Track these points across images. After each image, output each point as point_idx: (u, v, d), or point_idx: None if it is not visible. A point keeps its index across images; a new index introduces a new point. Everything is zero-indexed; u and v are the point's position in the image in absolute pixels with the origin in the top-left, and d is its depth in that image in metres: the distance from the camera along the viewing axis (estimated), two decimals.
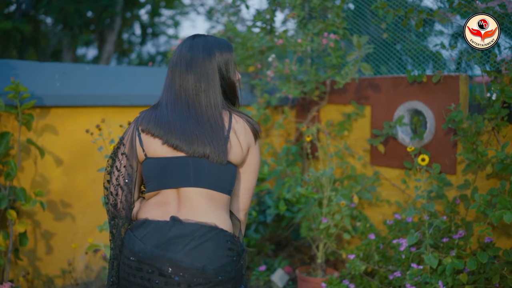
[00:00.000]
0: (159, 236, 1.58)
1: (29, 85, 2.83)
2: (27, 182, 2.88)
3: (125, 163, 1.70)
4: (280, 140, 3.82)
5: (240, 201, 1.74)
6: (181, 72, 1.68)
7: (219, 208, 1.64)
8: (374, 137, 3.29)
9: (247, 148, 1.69)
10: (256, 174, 1.76)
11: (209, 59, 1.68)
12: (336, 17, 3.11)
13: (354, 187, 3.18)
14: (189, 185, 1.62)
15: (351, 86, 3.44)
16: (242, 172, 1.73)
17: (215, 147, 1.61)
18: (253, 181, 1.75)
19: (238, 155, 1.66)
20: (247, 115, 1.73)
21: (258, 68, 3.71)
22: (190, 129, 1.62)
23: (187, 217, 1.60)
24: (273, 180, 3.59)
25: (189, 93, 1.66)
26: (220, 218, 1.63)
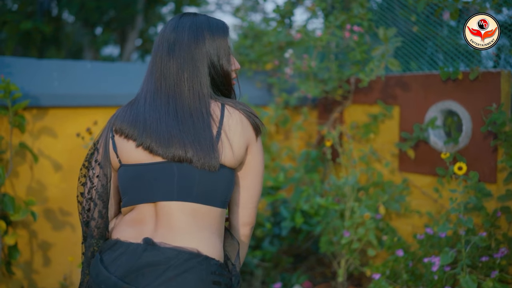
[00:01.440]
0: (129, 263, 1.29)
1: (24, 84, 2.61)
2: (22, 189, 2.66)
3: (98, 172, 1.43)
4: (300, 143, 3.52)
5: (244, 213, 1.46)
6: (162, 57, 1.40)
7: (206, 228, 1.34)
8: (403, 141, 2.97)
9: (246, 147, 1.40)
10: (261, 177, 1.47)
11: (195, 42, 1.40)
12: (361, 8, 2.80)
13: (381, 196, 2.87)
14: (169, 199, 1.33)
15: (377, 85, 3.12)
16: (243, 177, 1.44)
17: (199, 149, 1.32)
18: (258, 187, 1.48)
19: (234, 156, 1.37)
20: (244, 105, 1.42)
21: (276, 65, 3.42)
22: (167, 127, 1.34)
23: (164, 240, 1.30)
24: (291, 188, 3.30)
25: (170, 83, 1.38)
26: (205, 241, 1.33)
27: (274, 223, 3.01)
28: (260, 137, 1.45)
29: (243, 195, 1.45)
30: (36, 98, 2.63)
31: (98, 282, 1.30)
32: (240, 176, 1.45)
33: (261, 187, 1.49)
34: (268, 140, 3.48)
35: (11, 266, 2.59)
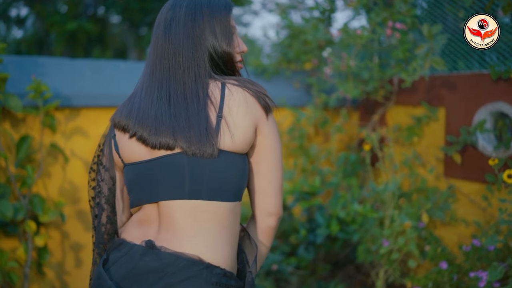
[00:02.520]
0: (128, 266, 1.21)
1: (56, 84, 2.59)
2: (54, 189, 2.64)
3: (103, 176, 1.35)
4: (340, 146, 3.38)
5: (265, 202, 1.32)
6: (158, 38, 1.30)
7: (211, 229, 1.21)
8: (449, 145, 2.79)
9: (254, 127, 1.26)
10: (278, 160, 1.33)
11: (192, 20, 1.28)
12: (404, 4, 2.64)
13: (424, 204, 2.70)
14: (169, 197, 1.22)
15: (422, 85, 2.95)
16: (257, 162, 1.31)
17: (191, 135, 1.19)
18: (276, 171, 1.33)
19: (239, 140, 1.23)
20: (251, 82, 1.28)
21: (315, 65, 3.30)
22: (156, 112, 1.23)
23: (165, 244, 1.20)
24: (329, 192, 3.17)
25: (164, 65, 1.27)
26: (209, 246, 1.20)
27: (310, 229, 2.88)
28: (272, 116, 1.31)
29: (262, 182, 1.32)
30: (68, 98, 2.60)
31: (97, 285, 1.23)
32: (254, 161, 1.31)
33: (280, 172, 1.35)
34: (307, 142, 3.35)
35: (42, 267, 2.58)
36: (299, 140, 3.20)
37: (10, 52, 7.56)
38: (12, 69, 2.55)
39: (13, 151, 2.47)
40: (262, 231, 1.36)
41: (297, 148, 3.24)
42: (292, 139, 3.26)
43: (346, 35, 2.89)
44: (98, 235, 1.38)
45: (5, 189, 2.34)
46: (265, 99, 1.28)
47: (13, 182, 2.38)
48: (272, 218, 1.35)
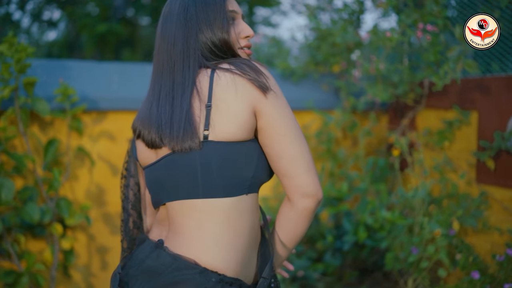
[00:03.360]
0: (135, 262, 1.21)
1: (83, 87, 2.60)
2: (81, 192, 2.65)
3: (129, 182, 1.36)
4: (369, 150, 3.32)
5: (295, 183, 1.22)
6: (157, 35, 1.30)
7: (209, 229, 1.15)
8: (481, 150, 2.70)
9: (251, 110, 1.18)
10: (293, 136, 1.21)
11: (185, 10, 1.25)
12: (435, 5, 2.56)
13: (455, 210, 2.62)
14: (170, 198, 1.20)
15: (453, 88, 2.87)
16: (267, 146, 1.22)
17: (172, 129, 1.16)
18: (293, 150, 1.20)
19: (235, 127, 1.16)
20: (244, 61, 1.20)
21: (343, 68, 3.24)
22: (151, 111, 1.22)
23: (169, 244, 1.18)
24: (357, 197, 3.11)
25: (159, 62, 1.26)
26: (208, 248, 1.15)
27: (337, 236, 2.83)
28: (274, 94, 1.20)
29: (281, 164, 1.21)
30: (95, 101, 2.61)
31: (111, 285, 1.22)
32: (263, 145, 1.22)
33: (300, 149, 1.21)
34: (335, 146, 3.30)
35: (68, 269, 2.59)
36: (327, 144, 3.15)
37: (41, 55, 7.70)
38: (41, 72, 2.57)
39: (41, 154, 2.49)
40: (299, 213, 1.24)
41: (324, 152, 3.19)
42: (319, 142, 3.21)
43: (375, 37, 2.83)
44: (127, 240, 1.38)
45: (33, 191, 2.36)
46: (259, 78, 1.18)
47: (40, 185, 2.40)
48: (309, 199, 1.22)
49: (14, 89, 2.27)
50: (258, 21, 10.24)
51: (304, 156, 1.22)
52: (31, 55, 2.29)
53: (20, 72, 2.26)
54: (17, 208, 2.27)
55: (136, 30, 8.33)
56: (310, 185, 1.21)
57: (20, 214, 2.25)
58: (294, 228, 1.27)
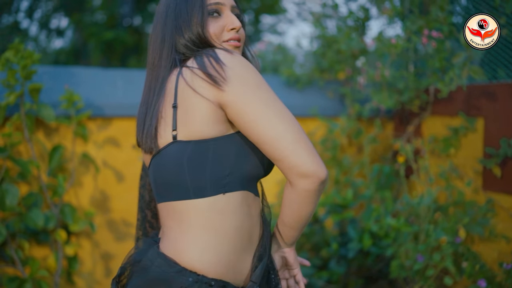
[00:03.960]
0: (133, 261, 1.26)
1: (88, 94, 2.61)
2: (85, 199, 2.65)
3: (145, 181, 1.42)
4: (374, 157, 3.30)
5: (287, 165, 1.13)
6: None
7: (186, 230, 1.16)
8: (488, 157, 2.68)
9: (215, 104, 1.15)
10: (269, 117, 1.12)
11: (167, 5, 1.28)
12: (440, 11, 2.56)
13: (461, 218, 2.59)
14: (157, 200, 1.26)
15: (459, 94, 2.85)
16: (248, 136, 1.16)
17: (143, 131, 1.20)
18: (274, 129, 1.11)
19: (200, 124, 1.14)
20: (206, 53, 1.18)
21: (348, 74, 3.24)
22: (139, 112, 1.29)
23: (160, 243, 1.24)
24: (362, 205, 3.09)
25: (148, 60, 1.31)
26: (187, 248, 1.15)
27: (341, 243, 2.81)
28: (234, 82, 1.13)
29: (268, 150, 1.14)
30: (100, 108, 2.61)
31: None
32: (245, 135, 1.17)
33: (281, 128, 1.11)
34: (340, 153, 3.29)
35: (72, 276, 2.59)
36: (332, 151, 3.14)
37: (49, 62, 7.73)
38: (46, 79, 2.58)
39: (45, 160, 2.49)
40: (300, 195, 1.16)
41: (330, 159, 3.18)
42: (325, 150, 3.20)
43: (380, 44, 2.82)
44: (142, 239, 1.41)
45: (37, 198, 2.36)
46: (215, 71, 1.13)
47: (45, 191, 2.40)
48: (307, 180, 1.12)
49: (19, 95, 2.28)
50: (264, 29, 10.26)
51: (287, 135, 1.12)
52: (37, 61, 2.30)
53: (26, 78, 2.27)
54: (21, 214, 2.28)
55: (142, 38, 8.37)
56: (304, 165, 1.11)
57: (25, 220, 2.25)
58: (298, 209, 1.20)
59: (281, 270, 1.40)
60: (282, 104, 1.16)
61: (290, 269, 1.40)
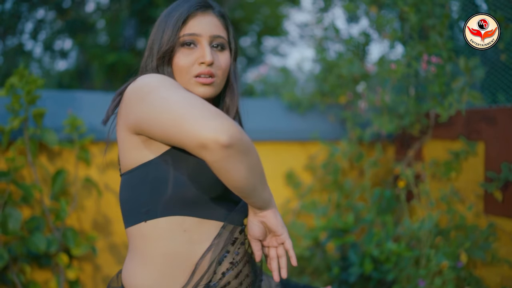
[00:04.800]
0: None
1: (91, 118, 2.63)
2: (87, 222, 2.66)
3: None
4: (375, 180, 3.31)
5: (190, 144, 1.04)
6: None
7: (127, 255, 1.29)
8: (489, 181, 2.69)
9: (125, 132, 1.18)
10: (166, 117, 1.07)
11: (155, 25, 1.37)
12: (439, 37, 2.59)
13: (463, 242, 2.59)
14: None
15: (459, 119, 2.87)
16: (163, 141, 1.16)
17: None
18: (171, 121, 1.06)
19: (122, 154, 1.21)
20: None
21: (349, 99, 3.26)
22: None
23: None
24: (364, 228, 3.09)
25: None
26: (124, 271, 1.28)
27: (343, 267, 2.80)
28: (134, 94, 1.15)
29: (178, 141, 1.07)
30: (103, 132, 2.63)
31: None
32: (164, 143, 1.16)
33: (174, 115, 1.06)
34: (341, 177, 3.30)
35: None
36: (333, 175, 3.15)
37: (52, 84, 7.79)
38: (50, 103, 2.61)
39: (48, 184, 2.51)
40: (215, 168, 1.07)
41: (331, 182, 3.19)
42: (326, 173, 3.21)
43: (381, 69, 2.85)
44: None
45: (40, 221, 2.37)
46: (118, 98, 1.26)
47: (47, 215, 2.41)
48: (208, 151, 1.01)
49: (23, 120, 2.30)
50: (267, 51, 10.34)
51: (177, 114, 1.05)
52: (41, 86, 2.33)
53: (30, 103, 2.30)
54: (23, 238, 2.28)
55: None
56: (198, 136, 1.01)
57: (27, 244, 2.26)
58: (230, 178, 1.09)
59: (268, 237, 1.30)
60: (180, 94, 1.10)
61: (276, 235, 1.27)
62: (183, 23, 1.28)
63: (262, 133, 3.13)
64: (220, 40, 1.32)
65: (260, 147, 3.19)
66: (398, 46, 3.22)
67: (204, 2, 1.33)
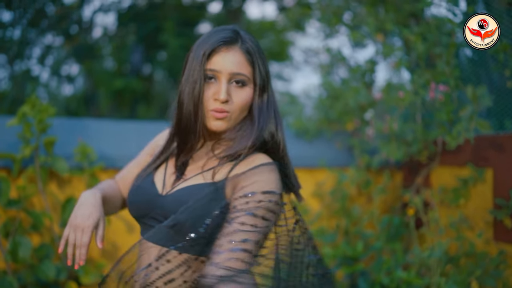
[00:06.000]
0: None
1: (101, 146, 2.65)
2: (96, 250, 2.66)
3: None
4: (383, 207, 3.30)
5: None
6: None
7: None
8: (498, 208, 2.68)
9: None
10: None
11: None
12: (446, 65, 2.61)
13: (473, 270, 2.57)
14: None
15: (467, 146, 2.88)
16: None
17: None
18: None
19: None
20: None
21: (357, 126, 3.28)
22: None
23: None
24: (373, 256, 3.07)
25: None
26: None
27: None
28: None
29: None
30: (113, 159, 2.65)
31: None
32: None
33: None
34: (349, 203, 3.29)
35: None
36: (341, 202, 3.15)
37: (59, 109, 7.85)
38: (60, 131, 2.63)
39: (58, 211, 2.52)
40: None
41: (339, 209, 3.19)
42: (334, 200, 3.21)
43: (388, 97, 2.86)
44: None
45: (49, 249, 2.37)
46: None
47: (57, 242, 2.41)
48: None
49: (35, 148, 2.32)
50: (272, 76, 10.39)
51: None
52: (52, 115, 2.36)
53: (41, 131, 2.32)
54: (33, 266, 2.28)
55: (151, 86, 8.50)
56: None
57: (36, 272, 2.26)
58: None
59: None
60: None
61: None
62: (208, 57, 1.32)
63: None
64: (240, 77, 1.34)
65: None
66: (404, 73, 3.24)
67: (230, 37, 1.33)
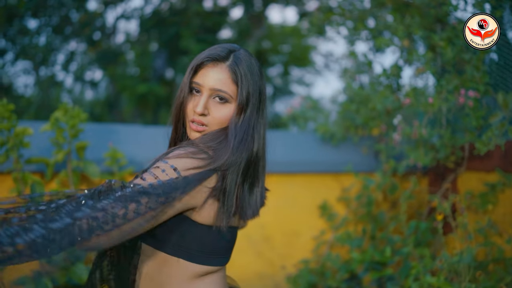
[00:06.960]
0: None
1: (131, 150, 2.70)
2: None
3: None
4: (410, 212, 3.29)
5: None
6: None
7: None
8: None
9: None
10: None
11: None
12: (475, 71, 2.60)
13: (503, 276, 2.55)
14: None
15: (495, 151, 2.86)
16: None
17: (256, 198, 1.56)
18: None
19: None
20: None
21: (383, 131, 3.27)
22: None
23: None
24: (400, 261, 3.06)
25: None
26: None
27: None
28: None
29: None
30: (142, 164, 2.69)
31: None
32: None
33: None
34: (375, 209, 3.29)
35: None
36: (367, 207, 3.15)
37: None
38: (90, 136, 2.68)
39: None
40: None
41: (365, 214, 3.19)
42: (360, 205, 3.21)
43: (415, 102, 2.85)
44: None
45: (81, 251, 2.41)
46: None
47: None
48: None
49: (67, 153, 2.37)
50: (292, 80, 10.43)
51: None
52: (84, 120, 2.40)
53: (73, 137, 2.37)
54: (66, 268, 2.32)
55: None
56: None
57: (69, 274, 2.30)
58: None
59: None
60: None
61: None
62: (194, 71, 1.42)
63: (296, 165, 3.15)
64: (222, 94, 1.40)
65: (294, 179, 3.21)
66: (430, 78, 3.23)
67: (219, 55, 1.39)
